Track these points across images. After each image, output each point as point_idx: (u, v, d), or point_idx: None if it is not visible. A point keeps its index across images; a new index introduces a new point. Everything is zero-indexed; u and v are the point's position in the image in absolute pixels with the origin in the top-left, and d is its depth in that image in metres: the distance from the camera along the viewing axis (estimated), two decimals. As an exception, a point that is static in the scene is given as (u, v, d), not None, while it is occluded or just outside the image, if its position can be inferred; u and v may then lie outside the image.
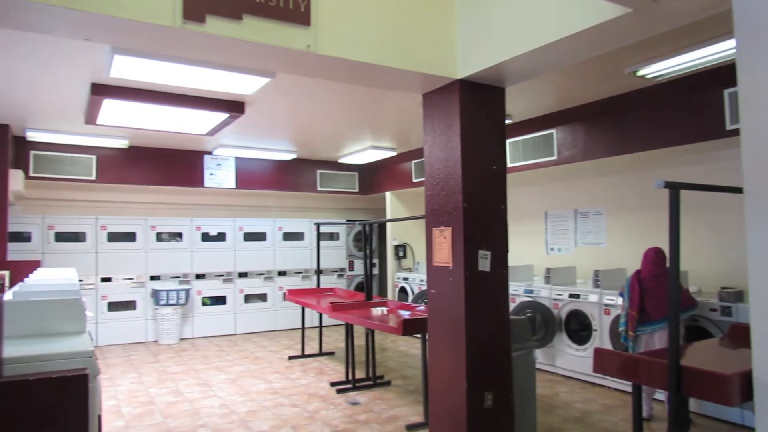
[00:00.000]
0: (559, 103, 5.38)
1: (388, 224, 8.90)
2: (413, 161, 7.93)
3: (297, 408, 4.76)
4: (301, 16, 2.78)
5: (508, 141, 6.10)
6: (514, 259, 6.89)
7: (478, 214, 3.38)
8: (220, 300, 8.27)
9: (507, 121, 5.58)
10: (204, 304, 8.13)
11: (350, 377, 5.45)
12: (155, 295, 7.53)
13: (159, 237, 7.91)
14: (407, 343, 7.56)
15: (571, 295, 5.55)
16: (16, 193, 6.53)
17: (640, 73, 4.17)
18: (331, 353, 6.94)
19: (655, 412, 4.47)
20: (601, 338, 5.25)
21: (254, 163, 8.29)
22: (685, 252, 3.72)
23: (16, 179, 6.27)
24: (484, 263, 3.38)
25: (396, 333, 4.35)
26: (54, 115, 5.64)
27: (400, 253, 8.75)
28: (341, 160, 8.56)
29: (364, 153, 7.74)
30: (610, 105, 5.13)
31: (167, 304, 7.52)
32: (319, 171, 8.86)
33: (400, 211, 8.84)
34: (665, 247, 2.81)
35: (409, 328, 4.28)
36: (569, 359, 5.59)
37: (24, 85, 4.60)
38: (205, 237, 8.20)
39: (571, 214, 6.60)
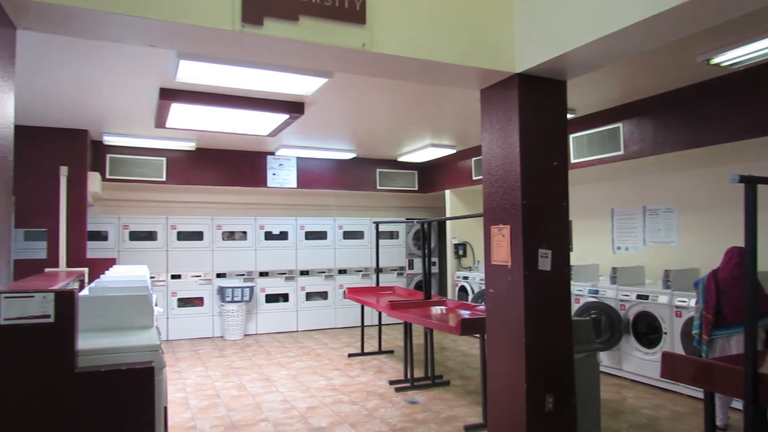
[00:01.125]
0: (625, 95, 5.15)
1: (448, 222, 8.83)
2: (473, 159, 7.82)
3: (356, 405, 4.80)
4: (356, 15, 2.79)
5: (571, 136, 5.92)
6: (578, 258, 6.70)
7: (538, 212, 3.29)
8: (282, 297, 8.47)
9: (569, 116, 5.40)
10: (268, 300, 8.35)
11: (409, 376, 5.44)
12: (221, 292, 7.80)
13: (225, 236, 8.18)
14: (467, 343, 7.47)
15: (639, 296, 5.31)
16: (94, 194, 6.94)
17: (714, 61, 3.93)
18: (391, 351, 6.96)
19: (732, 422, 4.21)
20: (672, 342, 4.99)
21: (315, 162, 8.43)
22: (767, 251, 3.47)
23: (94, 181, 6.65)
24: (545, 262, 3.29)
25: (454, 332, 4.30)
26: (127, 120, 5.95)
27: (460, 252, 8.66)
28: (400, 159, 8.57)
29: (423, 151, 7.70)
30: (681, 96, 4.86)
31: (232, 301, 7.77)
32: (378, 170, 8.91)
33: (459, 209, 8.74)
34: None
35: (467, 327, 4.22)
36: (637, 363, 5.35)
37: (101, 93, 4.87)
38: (268, 236, 8.42)
39: (639, 212, 6.32)
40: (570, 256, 3.43)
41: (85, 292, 3.37)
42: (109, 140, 6.76)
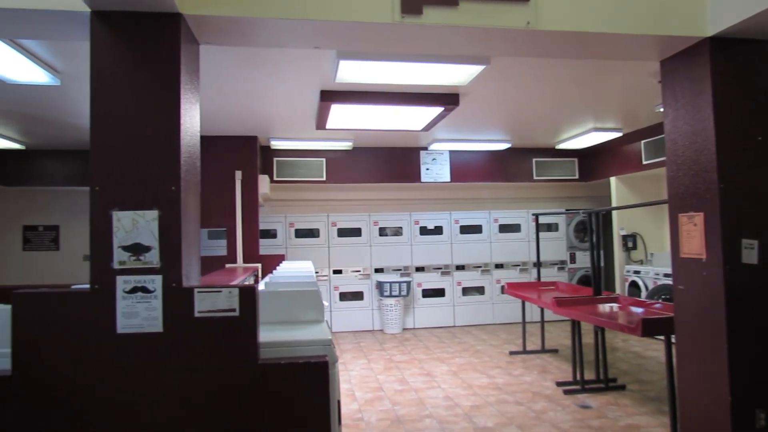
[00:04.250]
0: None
1: (614, 212, 8.15)
2: (642, 141, 7.11)
3: (522, 406, 4.58)
4: (518, -7, 2.61)
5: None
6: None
7: (740, 196, 2.83)
8: (438, 292, 8.45)
9: None
10: (424, 295, 8.39)
11: (578, 377, 5.07)
12: (380, 286, 8.00)
13: (381, 231, 8.37)
14: (641, 344, 6.83)
15: None
16: (264, 195, 7.49)
17: None
18: (555, 350, 6.58)
19: None
20: None
21: (468, 155, 8.29)
22: None
23: (263, 183, 7.19)
24: (750, 255, 2.82)
25: (634, 333, 3.90)
26: (291, 125, 6.32)
27: (629, 244, 7.95)
28: (559, 146, 8.08)
29: (584, 137, 7.17)
30: None
31: (390, 296, 7.92)
32: (534, 159, 8.50)
33: (627, 198, 8.02)
34: None
35: (649, 328, 3.79)
36: None
37: (267, 100, 5.21)
38: (423, 231, 8.45)
39: None
40: (781, 247, 2.91)
41: (260, 287, 3.59)
42: (276, 144, 7.25)
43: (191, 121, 2.54)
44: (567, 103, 5.63)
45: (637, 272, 7.46)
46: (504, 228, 8.68)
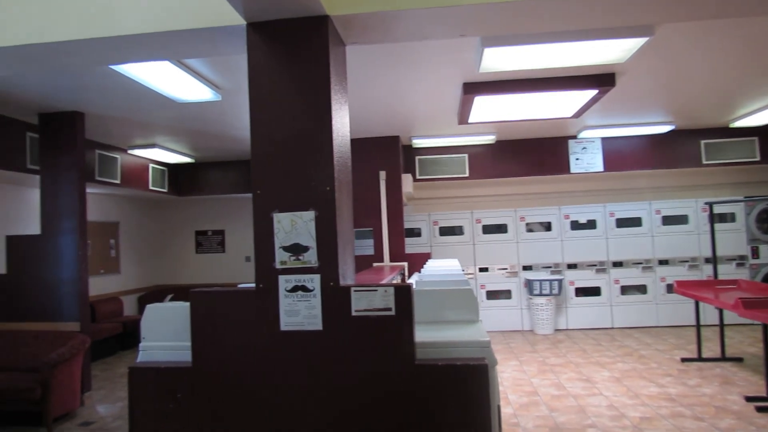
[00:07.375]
0: None
1: (807, 199, 6.99)
2: None
3: (702, 422, 4.05)
4: (695, -54, 2.26)
5: None
6: None
7: None
8: (593, 291, 7.88)
9: None
10: (578, 294, 7.86)
11: (772, 391, 4.39)
12: (528, 285, 7.65)
13: (528, 227, 8.01)
14: None
15: None
16: (408, 194, 7.53)
17: None
18: (738, 359, 5.77)
19: None
20: None
21: (622, 141, 7.63)
22: None
23: (407, 182, 7.22)
24: None
25: None
26: (433, 122, 6.26)
27: (829, 235, 6.76)
28: (734, 125, 7.11)
29: (767, 111, 6.23)
30: None
31: (540, 294, 7.54)
32: (702, 141, 7.57)
33: (824, 181, 6.84)
34: None
35: None
36: None
37: (409, 98, 5.19)
38: (574, 225, 7.93)
39: None
40: None
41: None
42: (417, 143, 7.25)
43: (341, 122, 2.55)
44: (744, 73, 4.90)
45: (841, 267, 6.32)
46: (668, 220, 7.85)
